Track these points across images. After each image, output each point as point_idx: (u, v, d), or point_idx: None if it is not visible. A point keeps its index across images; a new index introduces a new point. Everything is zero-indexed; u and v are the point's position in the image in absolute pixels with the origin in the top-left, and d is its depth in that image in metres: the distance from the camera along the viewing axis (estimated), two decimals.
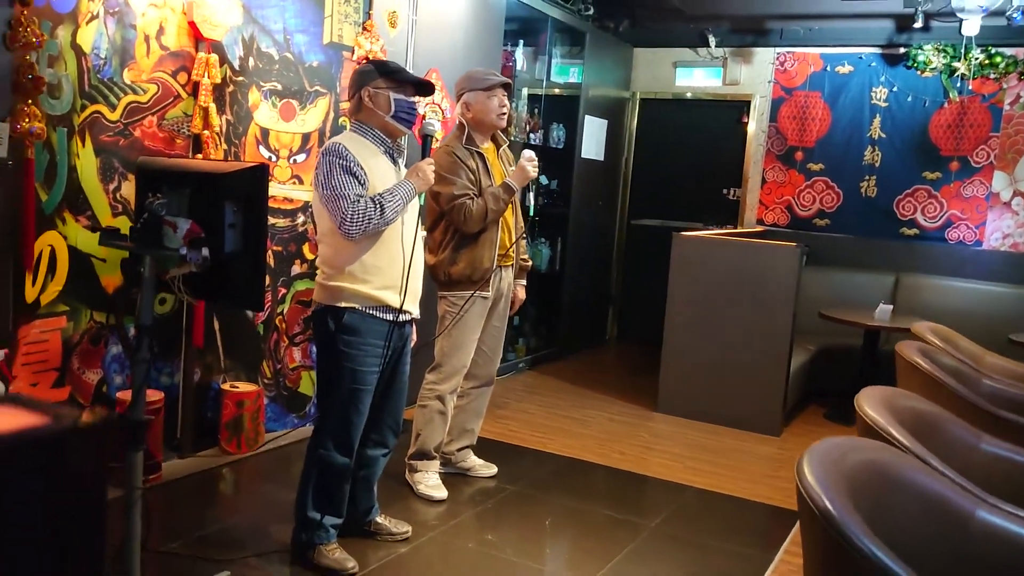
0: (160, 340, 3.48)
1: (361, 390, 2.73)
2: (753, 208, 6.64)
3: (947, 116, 5.96)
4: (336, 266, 2.70)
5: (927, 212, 6.07)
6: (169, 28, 3.34)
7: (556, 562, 3.00)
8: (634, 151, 7.11)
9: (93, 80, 3.09)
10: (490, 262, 3.45)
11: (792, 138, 6.45)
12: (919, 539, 1.79)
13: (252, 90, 3.72)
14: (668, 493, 3.80)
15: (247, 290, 2.28)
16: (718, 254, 4.95)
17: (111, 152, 3.19)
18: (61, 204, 3.03)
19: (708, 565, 3.10)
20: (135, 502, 2.28)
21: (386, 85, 2.73)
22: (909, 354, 3.17)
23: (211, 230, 2.20)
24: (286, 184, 3.94)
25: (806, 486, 1.56)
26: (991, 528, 1.85)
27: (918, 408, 2.50)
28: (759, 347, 4.77)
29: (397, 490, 3.50)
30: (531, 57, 6.24)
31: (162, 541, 2.88)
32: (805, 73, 6.39)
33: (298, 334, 4.12)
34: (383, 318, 2.73)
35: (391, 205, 2.63)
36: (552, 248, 6.29)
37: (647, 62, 6.98)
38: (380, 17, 4.24)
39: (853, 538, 1.45)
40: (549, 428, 4.60)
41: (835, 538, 1.48)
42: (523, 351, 6.06)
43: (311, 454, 2.78)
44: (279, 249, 3.96)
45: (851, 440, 1.90)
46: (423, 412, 3.55)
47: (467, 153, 3.42)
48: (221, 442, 3.75)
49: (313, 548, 2.77)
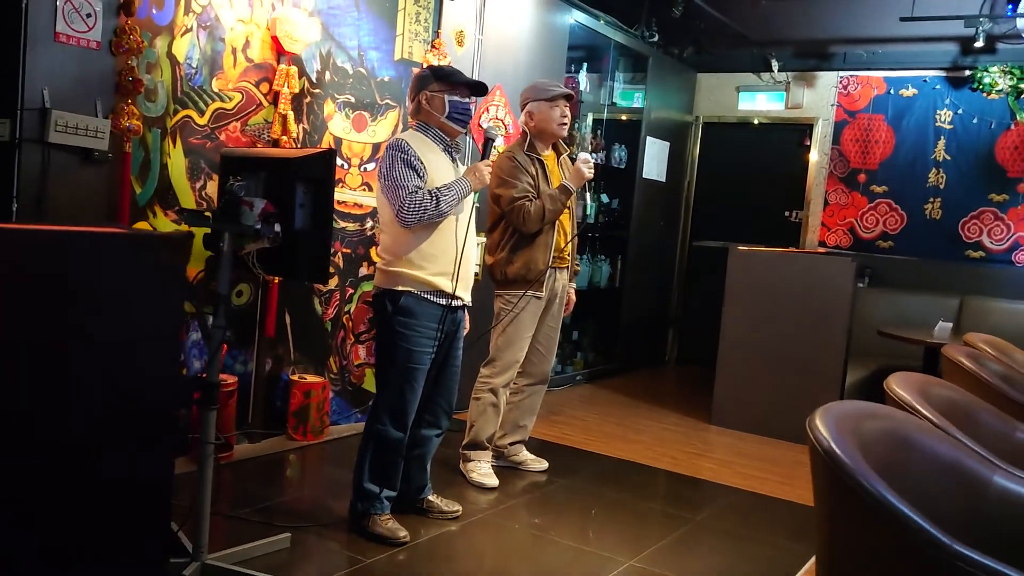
0: (236, 330, 3.75)
1: (416, 369, 2.92)
2: (815, 230, 6.66)
3: (1014, 138, 5.92)
4: (395, 253, 2.91)
5: (993, 234, 6.01)
6: (254, 42, 3.65)
7: (598, 544, 3.11)
8: (697, 173, 7.22)
9: (185, 87, 3.40)
10: (544, 264, 3.62)
11: (855, 160, 6.48)
12: (934, 498, 1.87)
13: (327, 102, 4.00)
14: (716, 493, 3.87)
15: (315, 265, 2.50)
16: (773, 268, 5.02)
17: (198, 153, 3.49)
18: (153, 198, 3.34)
19: (747, 554, 3.16)
20: (207, 456, 2.49)
21: (441, 88, 2.96)
22: (954, 355, 3.20)
23: (283, 209, 2.43)
24: (356, 191, 4.20)
25: (814, 430, 1.67)
26: (1009, 493, 1.91)
27: (952, 396, 2.56)
28: (814, 360, 4.80)
29: (451, 478, 3.67)
30: (595, 82, 6.45)
31: (230, 509, 3.10)
32: (868, 96, 6.43)
33: (363, 332, 4.35)
34: (437, 302, 2.93)
35: (446, 199, 2.84)
36: (612, 266, 6.42)
37: (710, 87, 7.11)
38: (448, 36, 4.50)
39: (856, 476, 1.55)
40: (602, 433, 4.71)
41: (839, 477, 1.58)
42: (581, 365, 6.19)
43: (368, 428, 2.97)
44: (348, 251, 4.21)
45: (870, 405, 1.99)
46: (477, 404, 3.71)
47: (528, 159, 3.62)
48: (288, 429, 3.98)
49: (368, 517, 2.95)
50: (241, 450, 3.74)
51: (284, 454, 3.85)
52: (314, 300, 4.09)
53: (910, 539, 1.47)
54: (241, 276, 3.68)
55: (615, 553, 3.04)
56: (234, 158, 2.67)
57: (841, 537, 1.67)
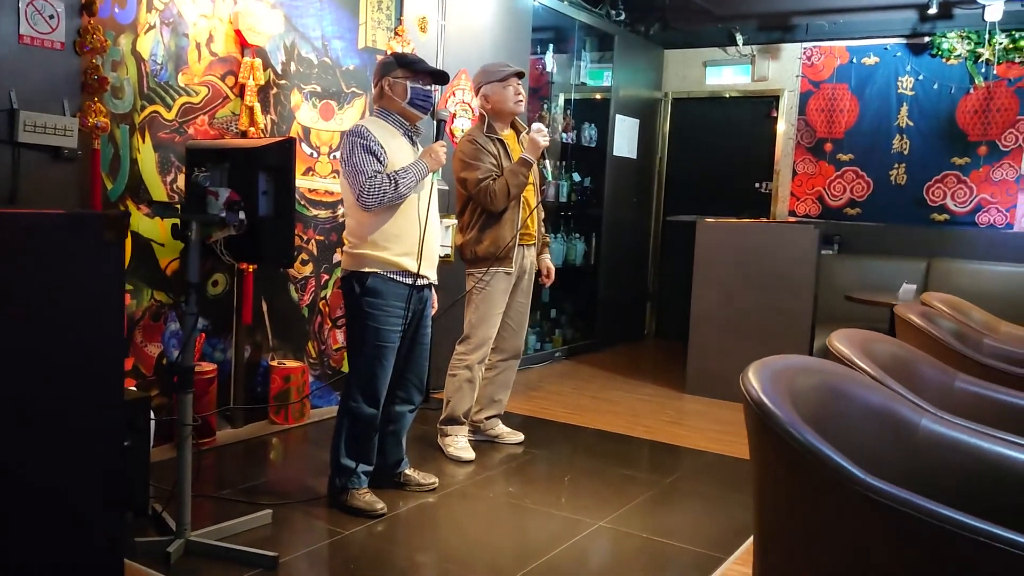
0: (213, 319, 3.84)
1: (385, 347, 3.03)
2: (785, 200, 6.78)
3: (974, 102, 6.04)
4: (360, 236, 3.02)
5: (957, 197, 6.15)
6: (218, 36, 3.72)
7: (571, 508, 3.24)
8: (668, 149, 7.33)
9: (151, 83, 3.48)
10: (512, 238, 3.73)
11: (821, 130, 6.59)
12: (869, 445, 1.99)
13: (294, 92, 4.08)
14: (687, 457, 4.01)
15: (280, 249, 2.60)
16: (740, 239, 5.14)
17: (168, 147, 3.57)
18: (124, 193, 3.42)
19: (714, 512, 3.30)
20: (186, 437, 2.60)
21: (404, 75, 3.05)
22: (904, 313, 3.34)
23: (247, 197, 2.53)
24: (327, 178, 4.29)
25: (745, 382, 1.79)
26: (935, 435, 2.04)
27: (896, 351, 2.68)
28: (783, 327, 4.93)
29: (429, 453, 3.79)
30: (563, 63, 6.54)
31: (213, 490, 3.21)
32: (832, 66, 6.54)
33: (340, 317, 4.45)
34: (403, 282, 3.03)
35: (404, 181, 2.94)
36: (587, 243, 6.53)
37: (677, 62, 7.21)
38: (411, 23, 4.58)
39: (781, 421, 1.67)
40: (578, 406, 4.84)
41: (766, 424, 1.70)
42: (560, 342, 6.31)
43: (343, 406, 3.09)
44: (321, 238, 4.30)
45: (805, 359, 2.11)
46: (453, 380, 3.83)
47: (488, 140, 3.71)
48: (270, 414, 4.09)
49: (346, 492, 3.07)
50: (223, 435, 3.85)
51: (266, 438, 3.96)
52: (290, 287, 4.19)
53: (829, 476, 1.59)
54: (216, 266, 3.77)
55: (586, 515, 3.16)
56: (199, 150, 2.75)
57: (771, 481, 1.79)
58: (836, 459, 1.58)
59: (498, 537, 3.02)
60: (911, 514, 1.47)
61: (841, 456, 1.59)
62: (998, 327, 4.08)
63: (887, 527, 1.51)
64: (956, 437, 2.01)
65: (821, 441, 1.62)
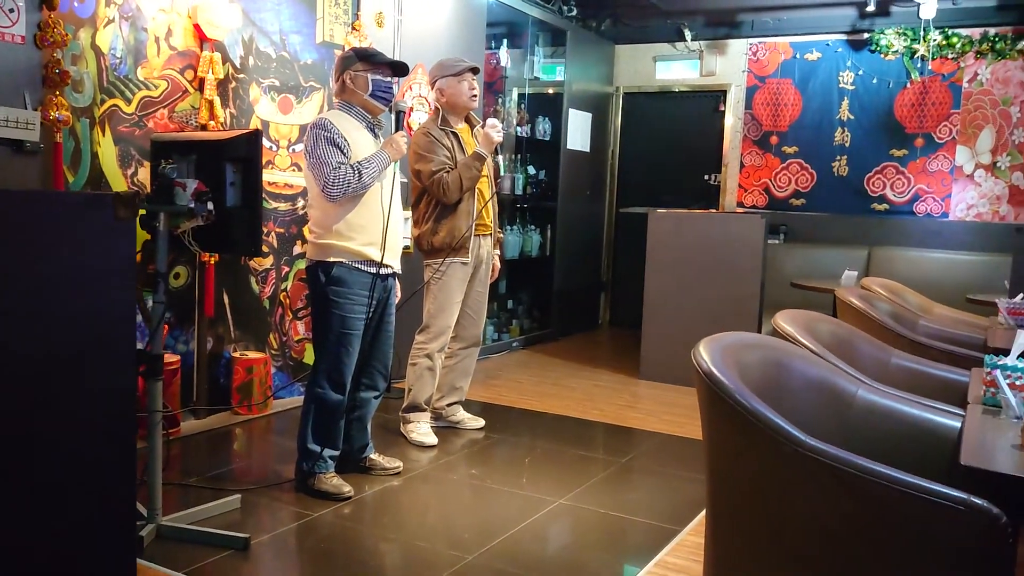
0: (175, 311, 3.88)
1: (350, 334, 3.11)
2: (733, 192, 6.99)
3: (911, 96, 6.31)
4: (324, 226, 3.09)
5: (896, 187, 6.41)
6: (176, 30, 3.75)
7: (532, 488, 3.36)
8: (620, 142, 7.49)
9: (111, 77, 3.50)
10: (467, 229, 3.83)
11: (767, 123, 6.81)
12: (806, 411, 2.14)
13: (252, 86, 4.12)
14: (642, 438, 4.16)
15: (248, 239, 2.67)
16: (690, 229, 5.31)
17: (128, 141, 3.59)
18: (86, 186, 3.44)
19: (667, 489, 3.45)
20: (156, 424, 2.65)
21: (364, 68, 3.13)
22: (845, 296, 3.52)
23: (215, 189, 2.59)
24: (286, 171, 4.34)
25: (697, 356, 1.92)
26: (870, 404, 2.20)
27: (836, 330, 2.86)
28: (732, 313, 5.11)
29: (392, 440, 3.88)
30: (516, 58, 6.65)
31: (181, 478, 3.27)
32: (776, 61, 6.76)
33: (301, 309, 4.51)
34: (367, 271, 3.12)
35: (368, 171, 3.03)
36: (542, 235, 6.66)
37: (628, 57, 7.37)
38: (368, 18, 4.64)
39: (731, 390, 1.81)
40: (536, 393, 4.97)
41: (717, 393, 1.83)
42: (517, 332, 6.43)
43: (309, 392, 3.16)
44: (281, 231, 4.35)
45: (752, 335, 2.26)
46: (413, 369, 3.92)
47: (442, 133, 3.81)
48: (233, 405, 4.13)
49: (313, 476, 3.15)
50: (188, 426, 3.89)
51: (230, 428, 4.01)
52: (251, 279, 4.24)
53: (773, 439, 1.73)
54: (177, 258, 3.80)
55: (546, 494, 3.29)
56: (164, 143, 2.80)
57: (721, 447, 1.93)
58: (780, 423, 1.72)
59: (462, 516, 3.13)
60: (845, 470, 1.62)
61: (783, 420, 1.73)
62: (932, 309, 4.31)
63: (822, 481, 1.66)
64: (889, 405, 2.17)
65: (765, 407, 1.76)
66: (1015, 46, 5.96)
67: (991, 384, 2.00)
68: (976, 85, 6.10)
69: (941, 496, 1.52)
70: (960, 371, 2.67)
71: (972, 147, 6.14)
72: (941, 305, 4.43)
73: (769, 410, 1.76)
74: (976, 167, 6.15)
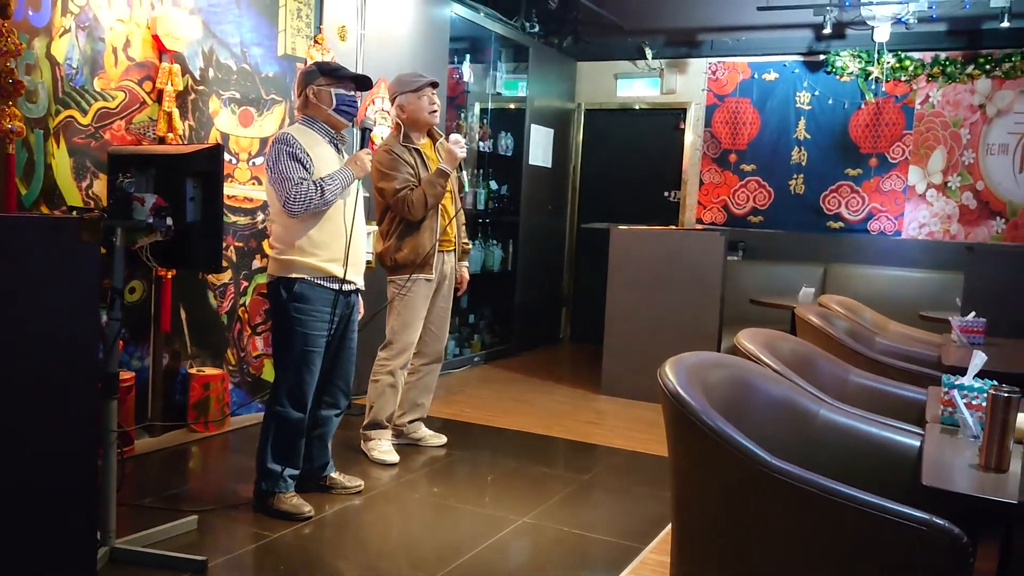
0: (130, 327, 3.79)
1: (312, 352, 3.07)
2: (692, 208, 7.07)
3: (865, 116, 6.45)
4: (287, 242, 3.05)
5: (851, 206, 6.54)
6: (135, 41, 3.69)
7: (494, 506, 3.34)
8: (581, 158, 7.54)
9: (66, 87, 3.42)
10: (431, 246, 3.81)
11: (725, 142, 6.91)
12: (769, 429, 2.16)
13: (212, 98, 4.07)
14: (604, 455, 4.16)
15: (207, 255, 2.62)
16: (651, 245, 5.36)
17: (83, 153, 3.51)
18: (39, 199, 3.35)
19: (629, 505, 3.45)
20: (111, 444, 2.59)
21: (327, 82, 3.10)
22: (804, 314, 3.57)
23: (175, 204, 2.54)
24: (246, 185, 4.28)
25: (662, 376, 1.93)
26: (832, 423, 2.23)
27: (797, 348, 2.89)
28: (692, 329, 5.16)
29: (353, 457, 3.83)
30: (479, 73, 6.66)
31: (136, 498, 3.18)
32: (735, 81, 6.86)
33: (260, 324, 4.44)
34: (329, 287, 3.08)
35: (330, 188, 3.00)
36: (504, 250, 6.66)
37: (590, 74, 7.43)
38: (330, 31, 4.62)
39: (696, 410, 1.82)
40: (498, 409, 4.95)
41: (682, 413, 1.84)
42: (478, 346, 6.41)
43: (269, 410, 3.11)
44: (240, 245, 4.29)
45: (716, 355, 2.28)
46: (375, 386, 3.88)
47: (404, 149, 3.79)
48: (189, 422, 4.05)
49: (273, 496, 3.09)
50: (142, 444, 3.79)
51: (186, 446, 3.92)
52: (208, 294, 4.16)
53: (737, 459, 1.74)
54: (133, 273, 3.73)
55: (509, 512, 3.27)
56: (123, 156, 2.75)
57: (686, 465, 1.93)
58: (745, 443, 1.73)
59: (424, 536, 3.10)
60: (809, 490, 1.64)
61: (749, 440, 1.74)
62: (887, 326, 4.39)
63: (786, 501, 1.67)
64: (850, 424, 2.20)
65: (731, 427, 1.77)
66: (964, 70, 6.13)
67: (949, 404, 2.04)
68: (928, 107, 6.26)
69: (904, 517, 1.54)
70: (917, 389, 2.72)
71: (924, 167, 6.29)
72: (896, 322, 4.52)
73: (734, 430, 1.77)
74: (928, 187, 6.30)
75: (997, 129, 6.09)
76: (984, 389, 1.99)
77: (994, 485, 1.64)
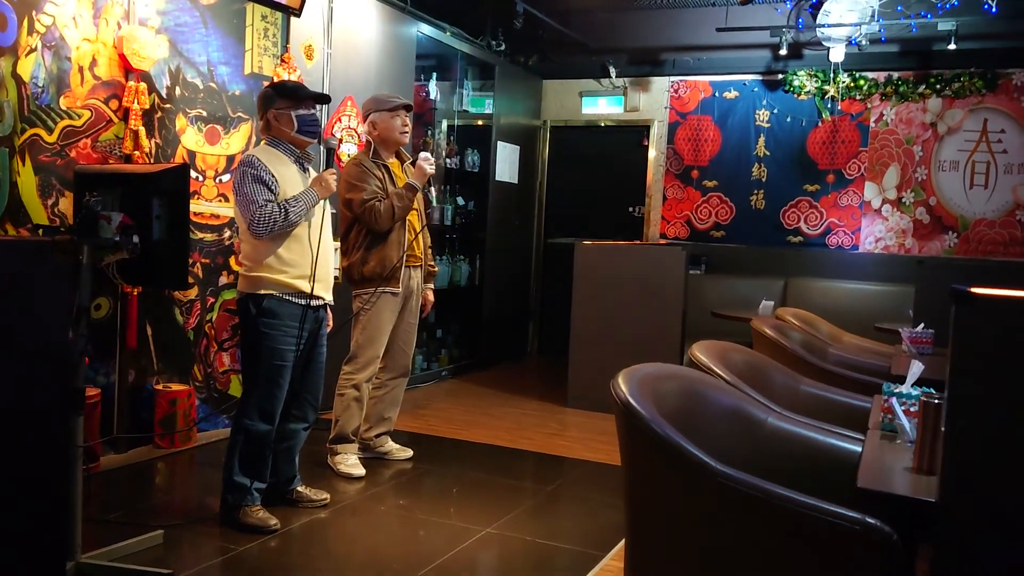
0: (95, 343, 3.80)
1: (281, 366, 3.12)
2: (656, 223, 7.20)
3: (822, 134, 6.63)
4: (255, 260, 3.10)
5: (809, 221, 6.70)
6: (101, 60, 3.72)
7: (460, 518, 3.39)
8: (547, 174, 7.65)
9: (32, 106, 3.45)
10: (398, 259, 3.88)
11: (688, 158, 7.06)
12: (719, 438, 2.25)
13: (179, 116, 4.11)
14: (568, 466, 4.24)
15: (173, 272, 2.67)
16: (615, 260, 5.46)
17: (49, 171, 3.54)
18: (3, 217, 3.37)
19: (592, 515, 3.53)
20: (76, 459, 2.61)
21: (287, 105, 3.16)
22: (759, 326, 3.68)
23: (141, 222, 2.59)
24: (212, 202, 4.32)
25: (615, 387, 2.01)
26: (780, 430, 2.32)
27: (750, 360, 2.99)
28: (655, 341, 5.25)
29: (319, 471, 3.86)
30: (446, 90, 6.75)
31: (101, 514, 3.20)
32: (697, 99, 7.02)
33: (226, 340, 4.47)
34: (297, 303, 3.14)
35: (295, 210, 3.06)
36: (471, 265, 6.73)
37: (555, 92, 7.55)
38: (297, 50, 4.68)
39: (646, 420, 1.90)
40: (465, 422, 5.01)
41: (634, 423, 1.92)
42: (446, 361, 6.47)
43: (236, 423, 3.14)
44: (207, 262, 4.31)
45: (668, 366, 2.36)
46: (341, 400, 3.92)
47: (373, 164, 3.86)
48: (155, 439, 4.06)
49: (239, 509, 3.12)
50: (108, 460, 3.80)
51: (152, 462, 3.93)
52: (175, 310, 4.18)
53: (687, 466, 1.82)
54: (99, 289, 3.74)
55: (474, 523, 3.33)
56: (89, 175, 2.79)
57: (638, 474, 2.01)
58: (691, 450, 1.81)
59: (390, 547, 3.15)
60: (751, 493, 1.72)
61: (697, 448, 1.83)
62: (842, 338, 4.52)
63: (732, 505, 1.75)
64: (796, 431, 2.30)
65: (680, 436, 1.86)
66: (916, 89, 6.34)
67: (888, 411, 2.14)
68: (882, 125, 6.45)
69: (839, 517, 1.63)
70: (864, 398, 2.83)
71: (879, 183, 6.48)
72: (850, 334, 4.65)
73: (682, 438, 1.86)
74: (883, 202, 6.48)
75: (948, 146, 6.30)
76: (919, 396, 2.09)
77: (925, 487, 1.74)
